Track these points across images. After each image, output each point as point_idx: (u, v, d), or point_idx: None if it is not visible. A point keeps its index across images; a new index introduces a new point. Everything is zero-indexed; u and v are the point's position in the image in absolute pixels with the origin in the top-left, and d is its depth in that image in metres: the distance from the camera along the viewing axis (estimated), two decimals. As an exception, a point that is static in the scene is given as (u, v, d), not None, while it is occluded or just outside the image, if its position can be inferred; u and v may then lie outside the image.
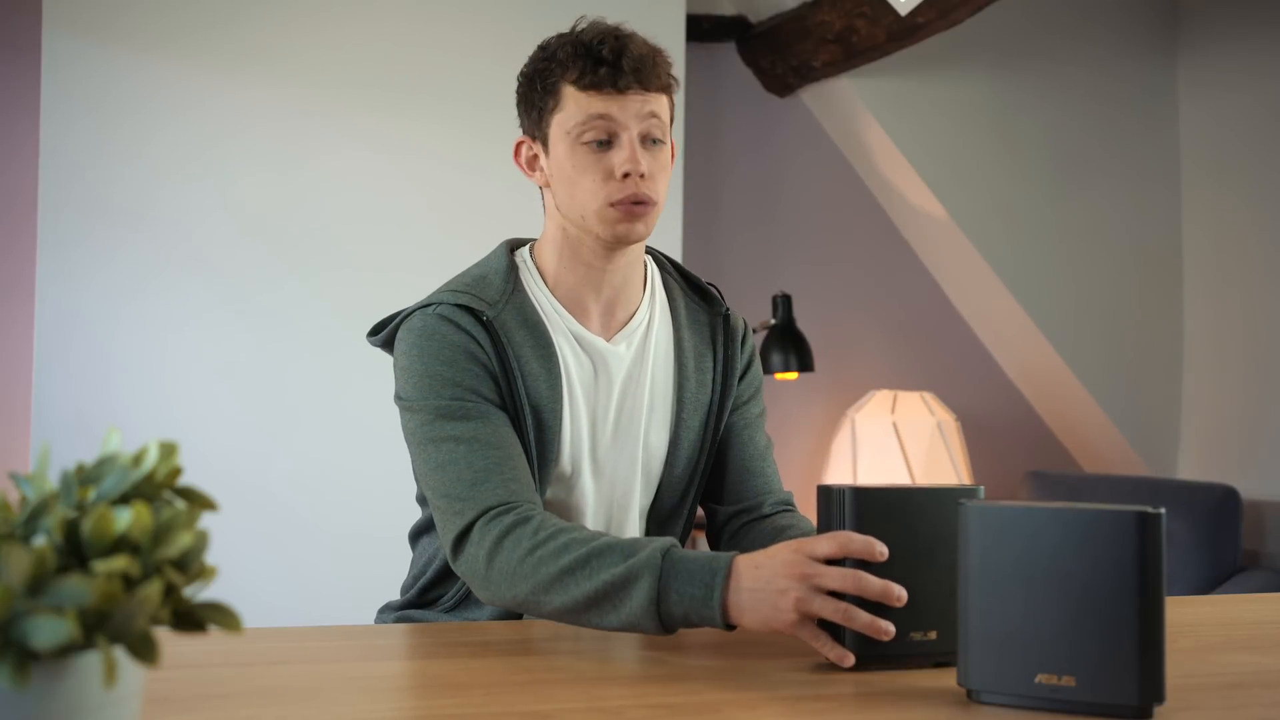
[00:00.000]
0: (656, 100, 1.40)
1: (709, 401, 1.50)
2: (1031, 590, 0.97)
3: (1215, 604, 1.57)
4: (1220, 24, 3.56)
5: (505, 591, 1.25)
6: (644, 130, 1.38)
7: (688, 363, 1.49)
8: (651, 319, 1.49)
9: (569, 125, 1.38)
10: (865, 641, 1.09)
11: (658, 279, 1.54)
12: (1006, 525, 0.99)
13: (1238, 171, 3.50)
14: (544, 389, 1.39)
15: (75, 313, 2.68)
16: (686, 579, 1.15)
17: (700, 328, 1.53)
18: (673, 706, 0.98)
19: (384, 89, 2.86)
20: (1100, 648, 0.95)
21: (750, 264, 3.62)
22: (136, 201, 2.72)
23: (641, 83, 1.37)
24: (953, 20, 2.99)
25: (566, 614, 1.22)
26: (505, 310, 1.40)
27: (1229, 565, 3.10)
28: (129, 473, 0.69)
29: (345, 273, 2.81)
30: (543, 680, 1.08)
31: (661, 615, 1.16)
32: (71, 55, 2.67)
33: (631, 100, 1.37)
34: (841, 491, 1.12)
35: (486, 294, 1.40)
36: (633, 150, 1.37)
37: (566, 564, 1.20)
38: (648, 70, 1.38)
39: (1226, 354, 3.52)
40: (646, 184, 1.38)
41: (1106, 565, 0.95)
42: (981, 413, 3.77)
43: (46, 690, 0.63)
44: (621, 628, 1.20)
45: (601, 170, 1.38)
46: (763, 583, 1.11)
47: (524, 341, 1.40)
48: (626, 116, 1.37)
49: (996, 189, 3.51)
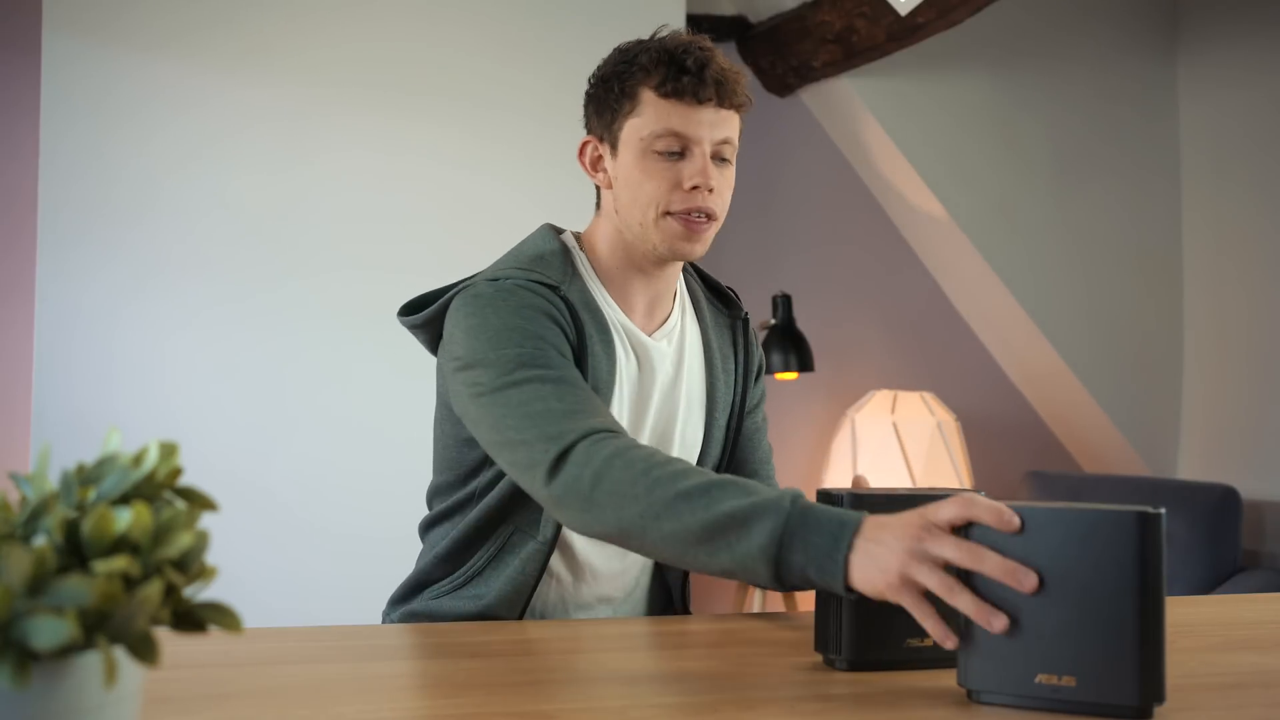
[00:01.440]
0: (731, 120, 1.41)
1: (732, 402, 1.53)
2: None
3: (1215, 604, 1.57)
4: (1220, 22, 3.56)
5: (611, 515, 1.16)
6: (716, 148, 1.40)
7: (716, 363, 1.51)
8: (684, 320, 1.52)
9: (644, 131, 1.39)
10: (864, 648, 1.09)
11: (682, 281, 1.56)
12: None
13: (1238, 170, 3.50)
14: (604, 372, 1.39)
15: (75, 313, 2.68)
16: (815, 528, 1.06)
17: (723, 330, 1.55)
18: (673, 706, 0.98)
19: (384, 88, 2.86)
20: (1100, 648, 0.95)
21: (750, 264, 3.62)
22: (136, 201, 2.72)
23: (720, 98, 1.38)
24: (953, 20, 2.99)
25: (674, 544, 1.13)
26: (571, 290, 1.40)
27: (1229, 565, 3.10)
28: (129, 473, 0.69)
29: (345, 272, 2.81)
30: (543, 680, 1.08)
31: (779, 562, 1.07)
32: (71, 55, 2.67)
33: (707, 114, 1.38)
34: (841, 497, 1.12)
35: (550, 273, 1.40)
36: (704, 163, 1.38)
37: (685, 489, 1.12)
38: (728, 86, 1.39)
39: (1226, 354, 3.52)
40: (712, 198, 1.39)
41: (1107, 565, 0.95)
42: (981, 413, 3.77)
43: (46, 690, 0.63)
44: (730, 571, 1.11)
45: (669, 179, 1.38)
46: (881, 543, 1.01)
47: (588, 322, 1.40)
48: (701, 130, 1.38)
49: (996, 189, 3.51)
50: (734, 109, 1.41)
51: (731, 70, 1.40)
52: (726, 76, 1.39)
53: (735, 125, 1.42)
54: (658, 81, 1.38)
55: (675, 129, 1.37)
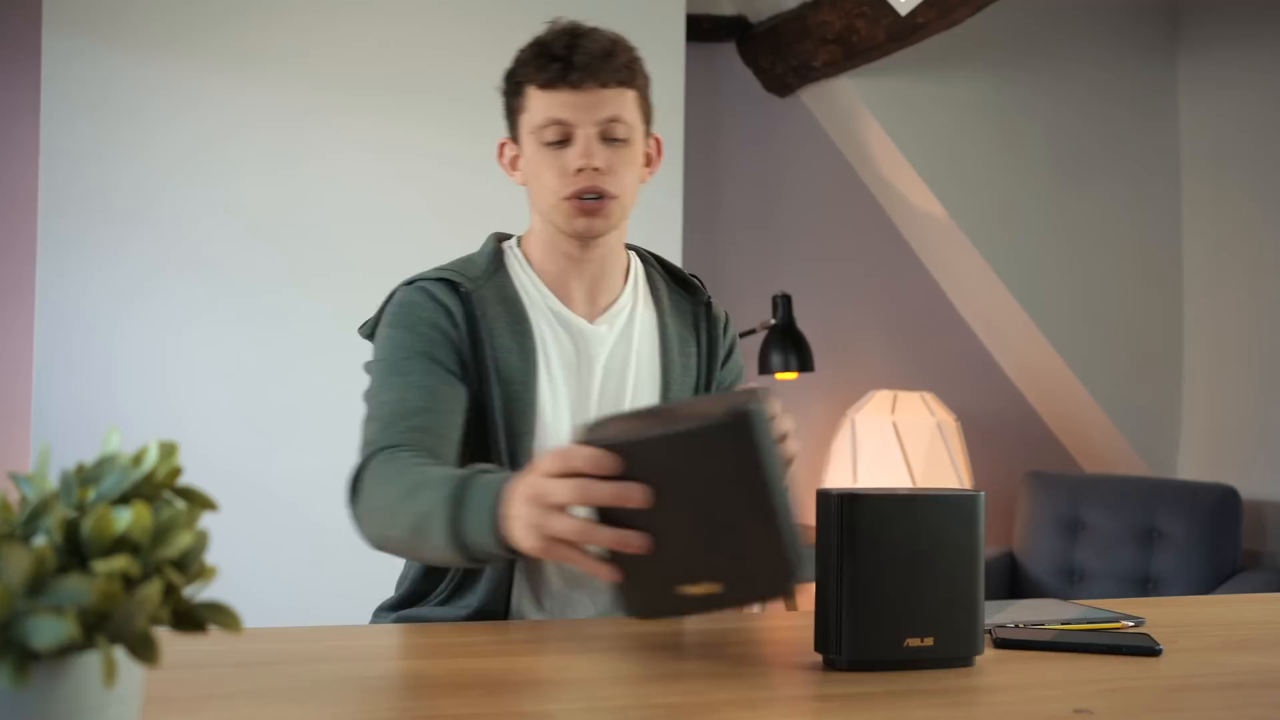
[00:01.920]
0: (616, 97, 1.41)
1: (694, 386, 1.52)
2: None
3: (1215, 604, 1.57)
4: (1220, 22, 3.56)
5: (371, 529, 1.29)
6: (601, 129, 1.41)
7: (672, 347, 1.52)
8: (635, 306, 1.53)
9: (532, 125, 1.43)
10: (864, 648, 1.09)
11: (640, 271, 1.57)
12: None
13: (1238, 170, 3.50)
14: (515, 361, 1.42)
15: (75, 313, 2.68)
16: (475, 506, 1.13)
17: (684, 315, 1.55)
18: (673, 706, 0.98)
19: (384, 89, 2.86)
20: (735, 550, 1.02)
21: (750, 264, 3.62)
22: (136, 201, 2.72)
23: (597, 79, 1.39)
24: (953, 20, 2.99)
25: (408, 547, 1.24)
26: (485, 287, 1.45)
27: (1229, 565, 3.10)
28: (129, 473, 0.69)
29: (345, 272, 2.81)
30: (543, 680, 1.08)
31: (463, 547, 1.15)
32: (71, 55, 2.67)
33: (586, 97, 1.39)
34: (840, 497, 1.12)
35: (469, 272, 1.46)
36: (586, 146, 1.40)
37: (399, 492, 1.23)
38: (601, 66, 1.39)
39: (1226, 354, 3.52)
40: (602, 177, 1.41)
41: (716, 473, 0.99)
42: (981, 413, 3.76)
43: (46, 690, 0.63)
44: (449, 558, 1.19)
45: (559, 167, 1.42)
46: (515, 505, 1.08)
47: (499, 316, 1.44)
48: (579, 114, 1.40)
49: (996, 189, 3.51)
50: (619, 86, 1.41)
51: (607, 49, 1.41)
52: (598, 58, 1.39)
53: (623, 102, 1.42)
54: (534, 73, 1.41)
55: (555, 117, 1.40)
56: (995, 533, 3.59)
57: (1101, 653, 1.21)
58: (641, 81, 1.46)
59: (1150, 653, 1.20)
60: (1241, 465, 3.42)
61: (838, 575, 1.10)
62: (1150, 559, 3.18)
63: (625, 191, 1.45)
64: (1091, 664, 1.16)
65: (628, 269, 1.56)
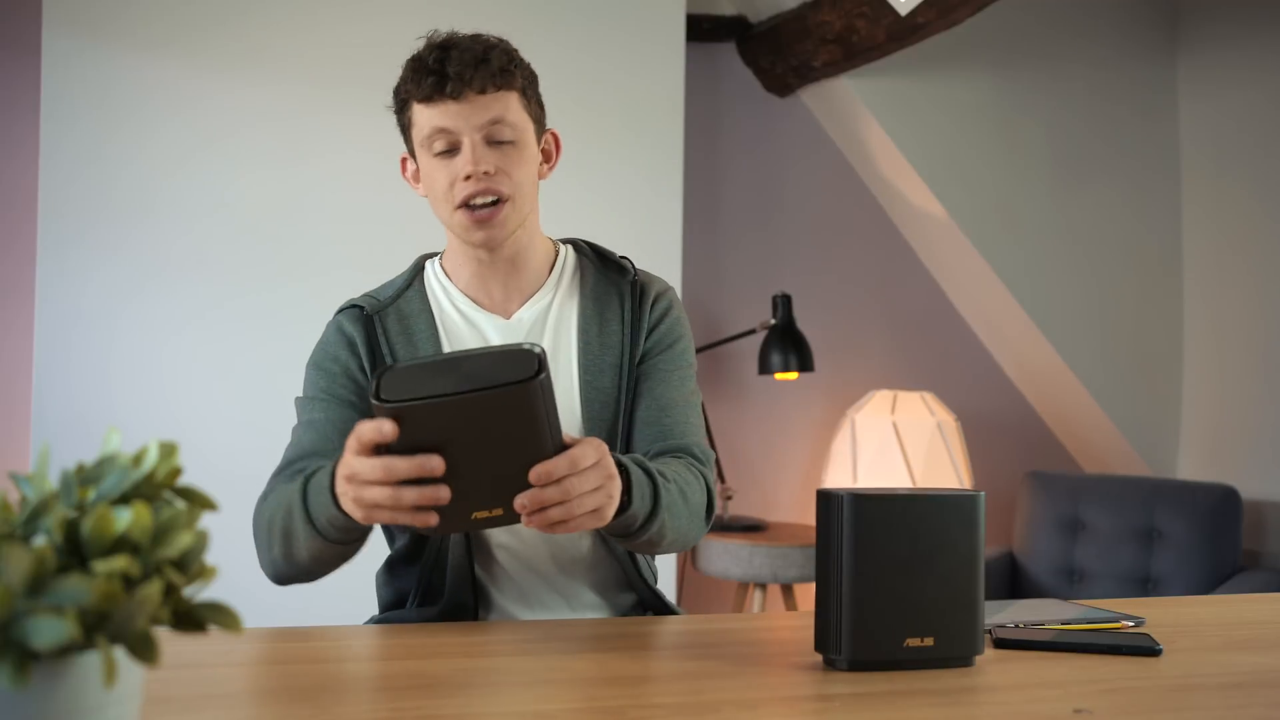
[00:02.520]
0: (496, 100, 1.43)
1: (619, 361, 1.51)
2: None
3: (1215, 604, 1.57)
4: (1220, 22, 3.56)
5: (264, 561, 1.40)
6: (486, 133, 1.43)
7: (590, 327, 1.52)
8: (555, 295, 1.55)
9: (421, 138, 1.46)
10: (864, 648, 1.09)
11: (570, 261, 1.58)
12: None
13: (1238, 170, 3.50)
14: None
15: (75, 313, 2.68)
16: (317, 492, 1.26)
17: (608, 297, 1.55)
18: (673, 706, 0.98)
19: (383, 88, 2.85)
20: (519, 486, 1.13)
21: (750, 264, 3.62)
22: (136, 201, 2.72)
23: (473, 86, 1.41)
24: (953, 20, 2.99)
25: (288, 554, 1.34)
26: (392, 306, 1.53)
27: (1229, 565, 3.10)
28: (129, 473, 0.69)
29: (345, 272, 2.80)
30: (543, 680, 1.08)
31: (320, 531, 1.27)
32: (71, 55, 2.67)
33: (465, 106, 1.42)
34: (840, 497, 1.12)
35: (381, 294, 1.55)
36: (471, 153, 1.42)
37: (269, 514, 1.36)
38: (474, 74, 1.41)
39: (1226, 354, 3.52)
40: (493, 179, 1.43)
41: (500, 431, 1.11)
42: (981, 413, 3.77)
43: (46, 690, 0.63)
44: (319, 551, 1.31)
45: (448, 175, 1.44)
46: (339, 486, 1.19)
47: (399, 333, 1.50)
48: (461, 123, 1.42)
49: (996, 189, 3.51)
50: (497, 90, 1.43)
51: (480, 55, 1.42)
52: (470, 66, 1.41)
53: (505, 104, 1.43)
54: (413, 89, 1.44)
55: (438, 126, 1.43)
56: (995, 533, 3.59)
57: (1101, 653, 1.21)
58: (523, 81, 1.47)
59: (1150, 653, 1.20)
60: (1241, 465, 3.42)
61: (838, 575, 1.10)
62: (1150, 559, 3.18)
63: (518, 191, 1.45)
64: (1091, 664, 1.17)
65: (555, 259, 1.57)
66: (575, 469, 1.13)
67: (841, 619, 1.09)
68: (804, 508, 3.63)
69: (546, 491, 1.12)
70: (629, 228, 2.99)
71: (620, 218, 2.99)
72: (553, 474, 1.12)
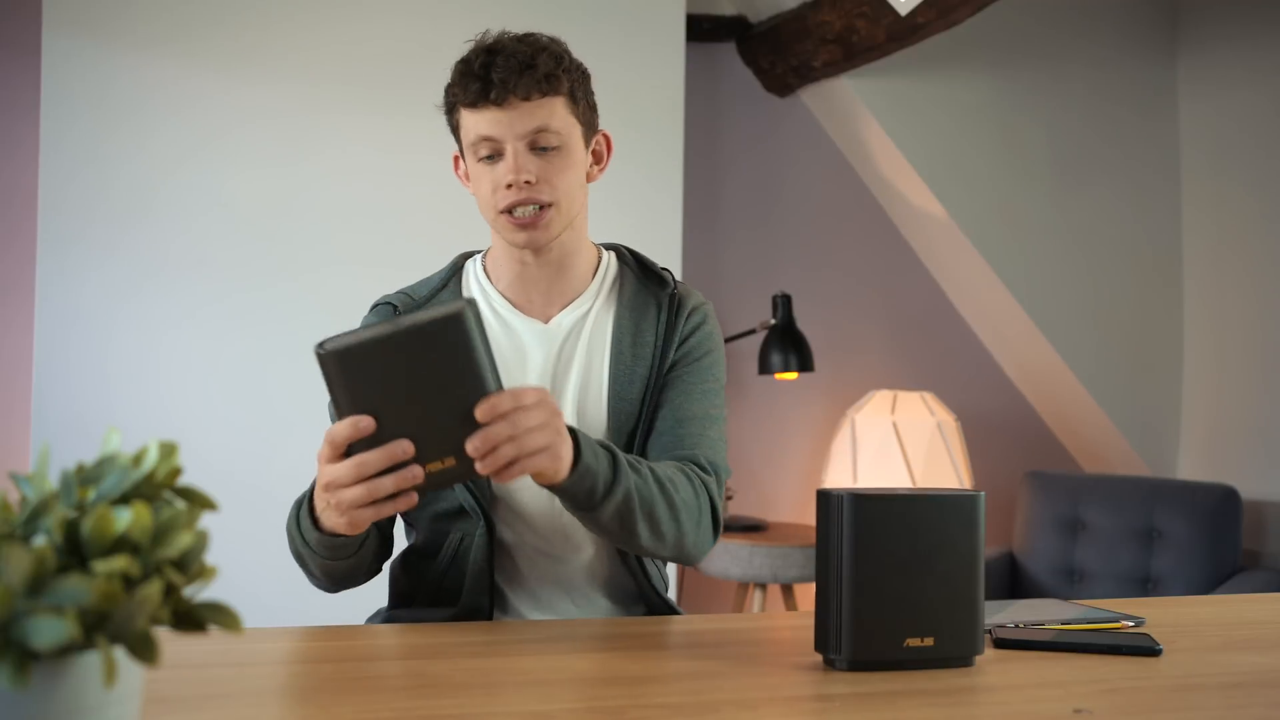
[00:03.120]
0: (543, 107, 1.41)
1: (648, 375, 1.50)
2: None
3: (1215, 604, 1.57)
4: (1220, 22, 3.56)
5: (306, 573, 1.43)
6: (529, 140, 1.42)
7: (624, 338, 1.51)
8: (595, 302, 1.54)
9: (467, 143, 1.46)
10: (864, 648, 1.09)
11: (612, 269, 1.57)
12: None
13: (1238, 170, 3.50)
14: None
15: (75, 312, 2.68)
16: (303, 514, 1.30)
17: (646, 308, 1.54)
18: (673, 706, 0.98)
19: (382, 87, 2.86)
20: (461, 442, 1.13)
21: (750, 264, 3.62)
22: (136, 200, 2.72)
23: (517, 93, 1.40)
24: (953, 20, 2.99)
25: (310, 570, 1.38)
26: (427, 305, 1.51)
27: (1229, 565, 3.10)
28: (129, 473, 0.69)
29: (344, 271, 2.81)
30: (543, 680, 1.08)
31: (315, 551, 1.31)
32: (71, 55, 2.67)
33: (509, 113, 1.41)
34: (840, 497, 1.11)
35: (417, 293, 1.54)
36: (514, 160, 1.41)
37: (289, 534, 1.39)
38: (520, 80, 1.40)
39: (1226, 354, 3.52)
40: (537, 188, 1.42)
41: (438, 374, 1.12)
42: (981, 413, 3.77)
43: (46, 690, 0.63)
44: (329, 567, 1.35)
45: (492, 182, 1.44)
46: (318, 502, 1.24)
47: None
48: (504, 130, 1.41)
49: (996, 189, 3.51)
50: (542, 96, 1.41)
51: (526, 61, 1.41)
52: (515, 73, 1.40)
53: (550, 110, 1.42)
54: (461, 93, 1.44)
55: (483, 134, 1.43)
56: (995, 533, 3.59)
57: (1101, 653, 1.21)
58: (570, 85, 1.45)
59: (1150, 653, 1.20)
60: (1241, 465, 3.42)
61: (838, 575, 1.10)
62: (1150, 559, 3.18)
63: (564, 197, 1.44)
64: (1091, 664, 1.17)
65: (597, 264, 1.56)
66: (520, 403, 1.13)
67: (841, 619, 1.09)
68: (804, 508, 3.63)
69: (495, 428, 1.12)
70: (629, 227, 2.98)
71: (620, 217, 2.99)
72: (498, 407, 1.12)
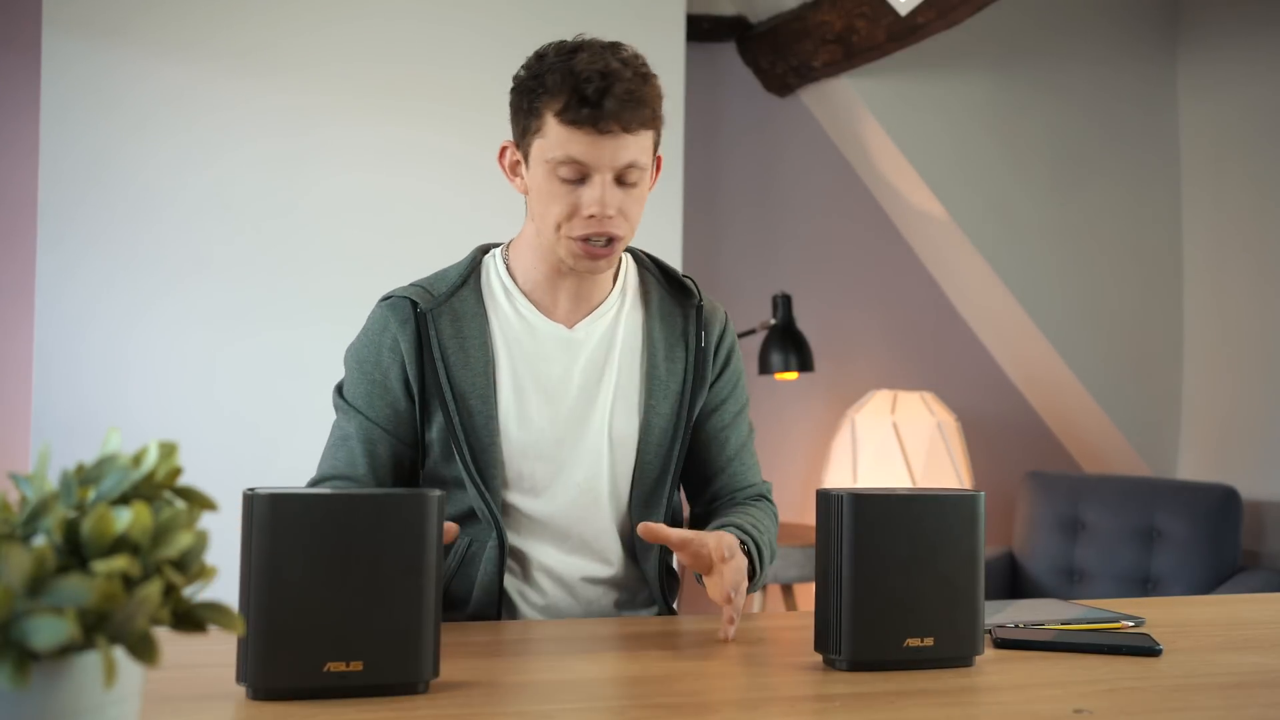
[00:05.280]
0: (635, 142, 1.38)
1: (680, 389, 1.50)
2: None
3: (1215, 604, 1.57)
4: (1220, 22, 3.56)
5: None
6: (620, 172, 1.39)
7: (657, 350, 1.50)
8: (621, 308, 1.51)
9: (547, 155, 1.39)
10: (864, 648, 1.09)
11: (632, 272, 1.55)
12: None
13: (1238, 170, 3.50)
14: (469, 376, 1.44)
15: (75, 313, 2.68)
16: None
17: (674, 319, 1.53)
18: (673, 706, 0.98)
19: (385, 89, 2.86)
20: (388, 629, 0.99)
21: (750, 264, 3.62)
22: (136, 201, 2.72)
23: (623, 125, 1.36)
24: (953, 20, 2.99)
25: None
26: (448, 303, 1.46)
27: (1229, 565, 3.10)
28: (129, 473, 0.69)
29: (345, 271, 2.81)
30: (543, 680, 1.08)
31: None
32: (71, 55, 2.67)
33: (608, 142, 1.36)
34: (840, 497, 1.12)
35: (436, 287, 1.48)
36: (603, 191, 1.37)
37: None
38: (630, 113, 1.36)
39: (1226, 354, 3.52)
40: (614, 222, 1.39)
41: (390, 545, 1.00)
42: (981, 413, 3.77)
43: (46, 690, 0.63)
44: None
45: (570, 203, 1.39)
46: None
47: (453, 334, 1.45)
48: (600, 159, 1.37)
49: (996, 189, 3.51)
50: (641, 129, 1.39)
51: (637, 93, 1.37)
52: (627, 105, 1.36)
53: (642, 145, 1.39)
54: (559, 108, 1.36)
55: (575, 157, 1.36)
56: (995, 533, 3.59)
57: (1101, 653, 1.21)
58: (660, 120, 1.43)
59: (1150, 653, 1.21)
60: (1241, 465, 3.42)
61: (838, 575, 1.10)
62: (1150, 559, 3.18)
63: (631, 230, 1.43)
64: (1091, 664, 1.17)
65: (618, 270, 1.54)
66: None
67: (841, 619, 1.09)
68: (804, 508, 3.63)
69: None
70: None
71: (620, 218, 2.99)
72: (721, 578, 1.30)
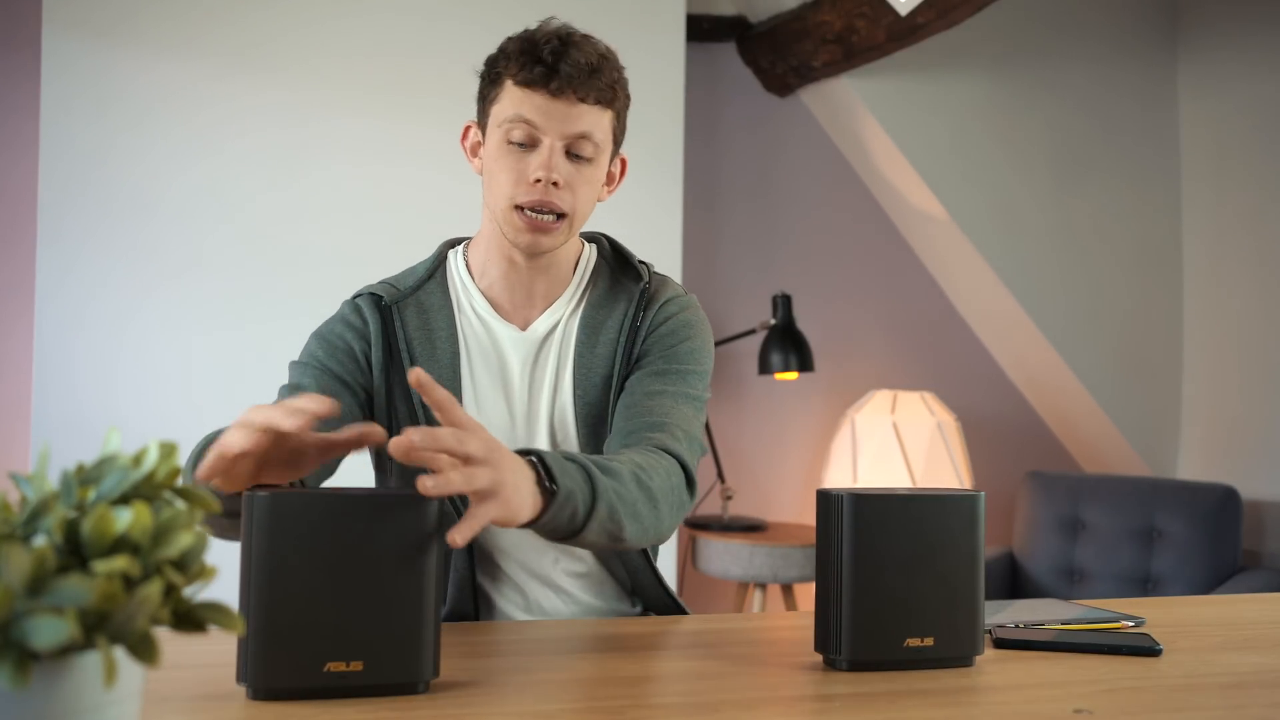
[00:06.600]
0: (591, 114, 1.38)
1: (608, 370, 1.46)
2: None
3: (1215, 604, 1.57)
4: (1220, 22, 3.56)
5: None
6: (568, 142, 1.38)
7: (586, 338, 1.47)
8: (573, 304, 1.50)
9: (500, 119, 1.39)
10: (864, 648, 1.09)
11: (590, 266, 1.53)
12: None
13: (1238, 169, 3.50)
14: (434, 368, 1.43)
15: (75, 313, 2.68)
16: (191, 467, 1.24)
17: (615, 304, 1.49)
18: (673, 706, 0.98)
19: (385, 89, 2.86)
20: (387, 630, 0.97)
21: (750, 264, 3.62)
22: (136, 201, 2.72)
23: (576, 91, 1.36)
24: (953, 20, 2.99)
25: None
26: (413, 299, 1.47)
27: (1229, 565, 3.10)
28: (129, 473, 0.69)
29: (345, 271, 2.80)
30: (543, 680, 1.08)
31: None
32: (71, 55, 2.67)
33: (561, 107, 1.36)
34: (840, 497, 1.11)
35: (402, 283, 1.49)
36: (549, 157, 1.37)
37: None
38: (584, 81, 1.36)
39: (1226, 354, 3.52)
40: (559, 193, 1.38)
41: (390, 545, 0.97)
42: (981, 413, 3.77)
43: (46, 690, 0.63)
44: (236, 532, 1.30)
45: (516, 170, 1.38)
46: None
47: (419, 326, 1.45)
48: (550, 122, 1.36)
49: (996, 189, 3.51)
50: (597, 104, 1.38)
51: (594, 65, 1.37)
52: (582, 71, 1.36)
53: (597, 121, 1.38)
54: (515, 69, 1.37)
55: (525, 116, 1.36)
56: (995, 533, 3.59)
57: (1101, 653, 1.21)
58: (621, 104, 1.43)
59: (1150, 653, 1.21)
60: (1241, 465, 3.42)
61: (838, 575, 1.10)
62: (1150, 559, 3.18)
63: (578, 210, 1.41)
64: (1091, 664, 1.17)
65: (578, 262, 1.52)
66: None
67: (841, 619, 1.09)
68: (804, 508, 3.63)
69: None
70: (629, 228, 2.98)
71: (620, 217, 2.99)
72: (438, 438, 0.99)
